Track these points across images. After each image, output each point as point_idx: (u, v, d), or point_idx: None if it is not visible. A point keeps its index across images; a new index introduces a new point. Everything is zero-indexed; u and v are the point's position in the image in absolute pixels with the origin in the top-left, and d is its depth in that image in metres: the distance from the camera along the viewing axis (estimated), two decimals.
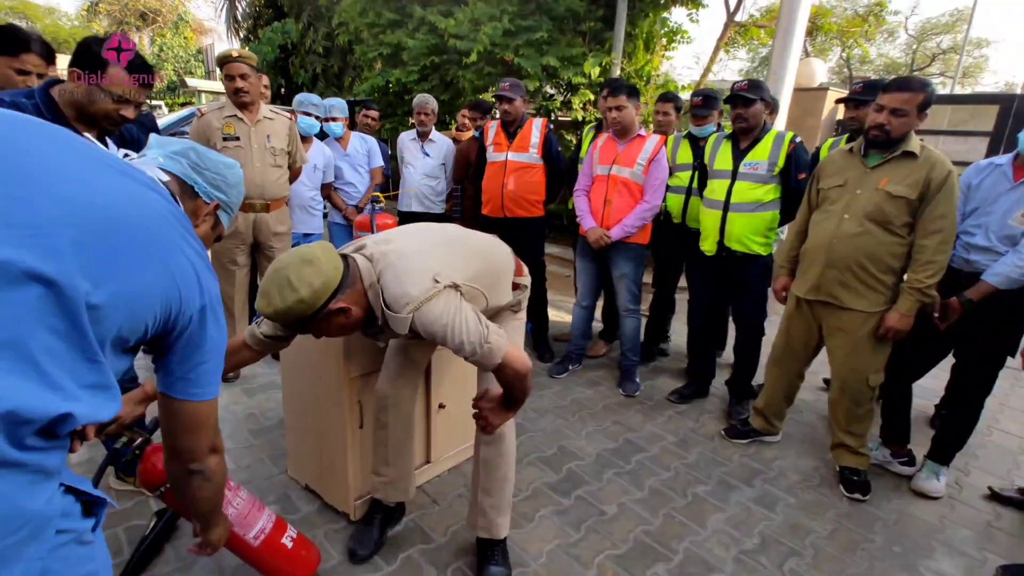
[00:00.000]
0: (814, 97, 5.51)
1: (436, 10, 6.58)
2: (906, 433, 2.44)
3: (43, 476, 0.71)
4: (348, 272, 1.35)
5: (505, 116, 3.21)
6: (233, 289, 2.89)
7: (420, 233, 1.59)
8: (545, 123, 3.25)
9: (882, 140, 2.05)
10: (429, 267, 1.39)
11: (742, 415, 2.79)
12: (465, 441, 2.30)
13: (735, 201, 2.62)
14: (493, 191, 3.30)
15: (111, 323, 0.74)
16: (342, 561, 1.76)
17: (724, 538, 1.98)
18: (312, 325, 1.34)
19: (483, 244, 1.68)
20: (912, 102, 1.99)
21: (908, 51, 21.79)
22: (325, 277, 1.28)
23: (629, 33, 5.94)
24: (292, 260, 1.29)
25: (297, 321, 1.31)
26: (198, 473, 1.04)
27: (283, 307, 1.26)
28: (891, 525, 2.11)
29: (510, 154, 3.22)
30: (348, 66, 9.48)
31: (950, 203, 1.99)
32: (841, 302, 2.19)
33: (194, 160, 1.07)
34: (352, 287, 1.35)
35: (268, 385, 2.90)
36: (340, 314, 1.32)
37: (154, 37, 19.96)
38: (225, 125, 2.69)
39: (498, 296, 1.64)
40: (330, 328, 1.37)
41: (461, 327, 1.34)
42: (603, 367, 3.44)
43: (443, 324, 1.34)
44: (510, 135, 3.24)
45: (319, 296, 1.27)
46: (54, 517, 0.72)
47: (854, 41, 8.47)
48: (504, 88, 3.14)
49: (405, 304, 1.34)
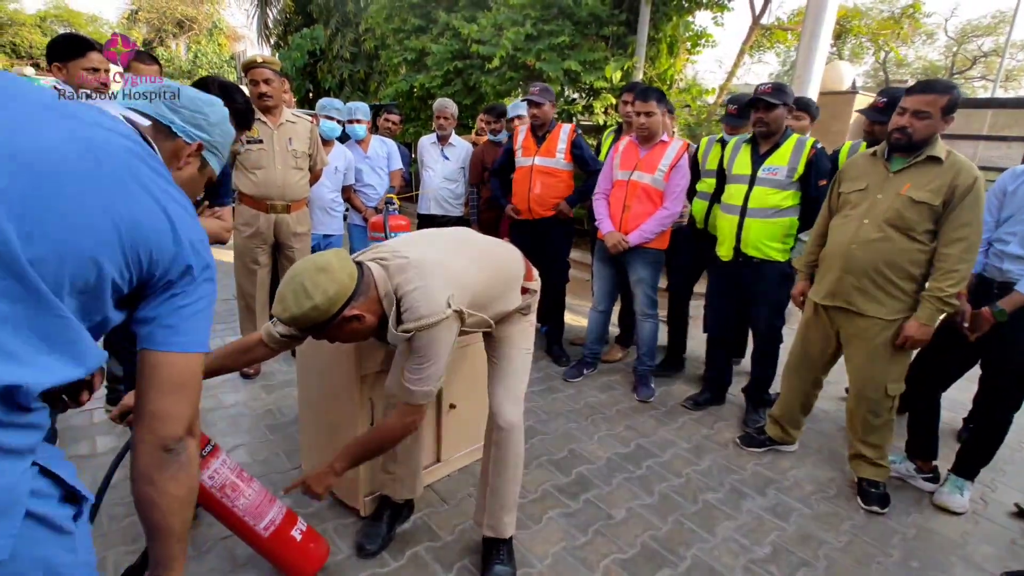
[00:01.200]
0: (841, 101, 5.40)
1: (460, 16, 6.66)
2: (932, 448, 2.37)
3: (2, 454, 0.67)
4: (363, 280, 1.38)
5: (534, 120, 3.23)
6: (255, 288, 2.97)
7: (436, 243, 1.59)
8: (573, 128, 3.26)
9: (904, 143, 2.00)
10: (445, 286, 1.41)
11: (758, 423, 2.75)
12: (475, 442, 2.32)
13: (752, 206, 2.59)
14: (520, 195, 3.32)
15: (62, 275, 0.70)
16: (350, 555, 1.80)
17: (733, 546, 1.96)
18: (326, 331, 1.37)
19: (495, 252, 1.70)
20: (935, 104, 1.93)
21: (948, 54, 21.13)
22: (339, 285, 1.31)
23: (652, 37, 5.91)
24: (307, 267, 1.32)
25: (311, 326, 1.34)
26: (174, 454, 0.86)
27: (298, 313, 1.29)
28: (909, 540, 2.05)
29: (537, 159, 3.25)
30: (374, 71, 9.65)
31: (975, 211, 1.93)
32: (858, 308, 2.15)
33: (168, 99, 1.00)
34: (366, 295, 1.38)
35: (286, 382, 2.97)
36: (354, 321, 1.36)
37: (190, 44, 20.66)
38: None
39: (506, 303, 1.66)
40: (343, 334, 1.40)
41: (433, 364, 1.41)
42: (618, 372, 3.42)
43: (429, 352, 1.40)
44: (538, 139, 3.26)
45: (333, 303, 1.30)
46: (21, 496, 0.68)
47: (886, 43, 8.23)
48: (533, 93, 3.16)
49: (416, 319, 1.37)
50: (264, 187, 2.82)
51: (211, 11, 21.86)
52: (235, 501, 1.47)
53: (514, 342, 1.73)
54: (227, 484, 1.46)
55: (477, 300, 1.51)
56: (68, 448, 2.27)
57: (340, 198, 3.60)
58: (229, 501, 1.47)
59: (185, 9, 21.15)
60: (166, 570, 0.93)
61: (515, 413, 1.69)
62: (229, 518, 1.50)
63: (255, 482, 1.55)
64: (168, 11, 20.82)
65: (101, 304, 0.78)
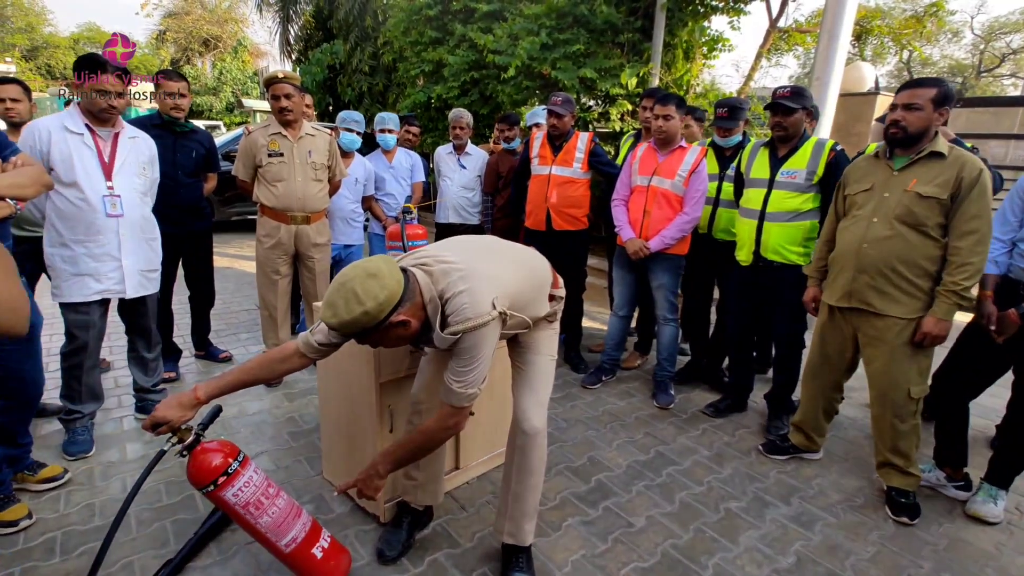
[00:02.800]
0: (862, 102, 5.32)
1: (476, 27, 6.74)
2: (962, 456, 2.30)
3: None
4: (408, 285, 1.39)
5: (552, 130, 3.23)
6: (276, 297, 3.03)
7: (473, 249, 1.60)
8: (591, 137, 3.26)
9: (900, 137, 2.01)
10: (489, 289, 1.43)
11: (781, 431, 2.70)
12: (494, 449, 2.33)
13: (771, 210, 2.56)
14: (536, 203, 3.33)
15: None
16: (370, 561, 1.81)
17: (757, 556, 1.92)
18: (373, 336, 1.39)
19: (527, 258, 1.72)
20: (924, 96, 1.96)
21: (975, 51, 20.64)
22: (389, 291, 1.33)
23: (668, 43, 5.90)
24: (357, 273, 1.34)
25: (360, 332, 1.36)
26: None
27: (349, 318, 1.31)
28: (941, 551, 1.98)
29: (554, 168, 3.24)
30: (392, 84, 9.80)
31: (983, 202, 1.93)
32: (875, 308, 2.11)
33: None
34: (411, 300, 1.39)
35: (307, 391, 3.02)
36: (400, 326, 1.38)
37: (215, 62, 21.25)
38: (270, 142, 2.85)
39: (536, 310, 1.67)
40: (389, 339, 1.42)
41: (479, 365, 1.43)
42: (637, 378, 3.40)
43: (475, 353, 1.42)
44: (555, 148, 3.27)
45: (383, 309, 1.32)
46: None
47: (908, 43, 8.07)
48: (555, 103, 3.16)
49: (463, 321, 1.38)
50: (285, 199, 2.89)
51: (235, 30, 22.49)
52: (258, 519, 1.50)
53: (540, 348, 1.74)
54: (251, 502, 1.48)
55: (516, 302, 1.52)
56: (99, 455, 2.34)
57: (360, 209, 3.66)
58: (252, 519, 1.49)
59: (210, 28, 21.79)
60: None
61: (540, 418, 1.69)
62: (253, 532, 1.53)
63: (281, 497, 1.55)
64: (195, 31, 21.48)
65: None
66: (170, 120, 2.88)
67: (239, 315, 4.27)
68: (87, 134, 2.19)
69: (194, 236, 3.11)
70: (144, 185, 2.39)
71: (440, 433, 1.53)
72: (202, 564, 1.77)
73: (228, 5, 22.79)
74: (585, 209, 3.32)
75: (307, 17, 13.19)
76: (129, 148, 2.33)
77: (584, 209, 3.31)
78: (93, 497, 2.07)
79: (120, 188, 2.26)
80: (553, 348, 1.78)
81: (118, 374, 3.11)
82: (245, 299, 4.60)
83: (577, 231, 3.33)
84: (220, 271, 3.93)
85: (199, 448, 1.48)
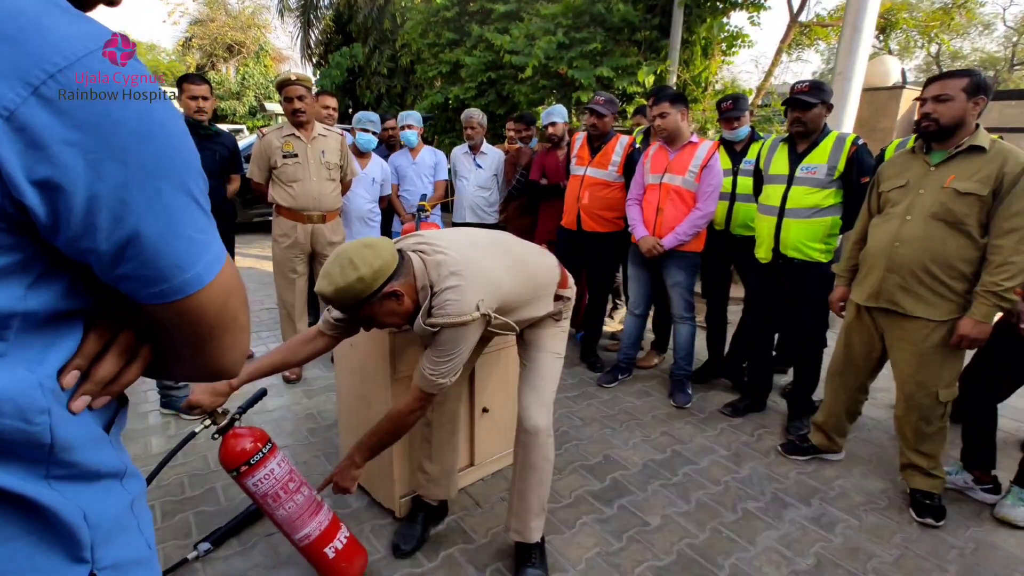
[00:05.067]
0: (887, 97, 5.19)
1: (493, 28, 6.77)
2: (991, 458, 2.23)
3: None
4: (403, 263, 1.43)
5: (592, 130, 3.20)
6: (293, 296, 3.09)
7: (474, 243, 1.59)
8: (631, 141, 3.21)
9: (933, 130, 1.94)
10: (477, 289, 1.44)
11: (801, 431, 2.65)
12: (508, 446, 2.32)
13: (791, 207, 2.52)
14: (570, 203, 3.33)
15: None
16: (386, 555, 1.83)
17: (775, 556, 1.89)
18: (365, 308, 1.39)
19: (530, 259, 1.70)
20: (954, 87, 1.89)
21: (1007, 44, 19.98)
22: (384, 261, 1.36)
23: (686, 40, 5.85)
24: (354, 245, 1.39)
25: (353, 302, 1.37)
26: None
27: (343, 284, 1.33)
28: (967, 554, 1.93)
29: (589, 169, 3.22)
30: (410, 85, 9.90)
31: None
32: (904, 310, 2.05)
33: None
34: (406, 277, 1.42)
35: (326, 388, 3.06)
36: (394, 298, 1.40)
37: (239, 67, 21.66)
38: (284, 144, 2.89)
39: (535, 309, 1.68)
40: (382, 312, 1.42)
41: (453, 359, 1.44)
42: (654, 377, 3.37)
43: (451, 348, 1.44)
44: (593, 150, 3.24)
45: (377, 277, 1.35)
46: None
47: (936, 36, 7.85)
48: (597, 102, 3.12)
49: (445, 316, 1.40)
50: (301, 199, 2.93)
51: (258, 35, 22.90)
52: (275, 511, 1.53)
53: (545, 347, 1.74)
54: (269, 494, 1.51)
55: (506, 305, 1.54)
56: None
57: (377, 208, 3.70)
58: (270, 509, 1.53)
59: (234, 34, 22.22)
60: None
61: (542, 417, 1.69)
62: (273, 521, 1.57)
63: (301, 492, 1.57)
64: (219, 37, 21.93)
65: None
66: (194, 123, 2.95)
67: (260, 314, 4.35)
68: None
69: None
70: None
71: (408, 417, 1.54)
72: (224, 555, 1.81)
73: (251, 11, 23.23)
74: (619, 212, 3.23)
75: (327, 21, 13.39)
76: None
77: (617, 212, 3.23)
78: None
79: None
80: (560, 347, 1.78)
81: None
82: (266, 298, 4.68)
83: (607, 233, 3.27)
84: (242, 271, 4.01)
85: (231, 432, 1.53)
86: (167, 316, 0.53)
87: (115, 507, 0.57)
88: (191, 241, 0.51)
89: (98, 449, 0.55)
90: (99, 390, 0.54)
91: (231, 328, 0.58)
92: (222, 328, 0.57)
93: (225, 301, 0.55)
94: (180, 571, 1.74)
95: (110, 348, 0.55)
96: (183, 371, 0.63)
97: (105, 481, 0.57)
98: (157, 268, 0.49)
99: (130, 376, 0.57)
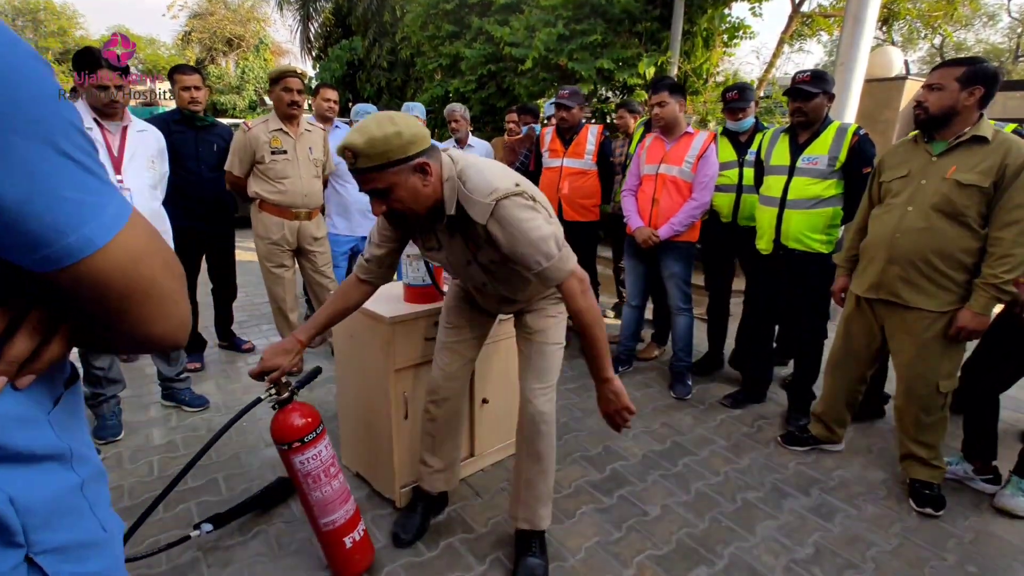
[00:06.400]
0: (890, 88, 5.16)
1: (493, 20, 6.73)
2: (992, 449, 2.23)
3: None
4: (434, 150, 1.39)
5: (562, 123, 3.27)
6: (284, 290, 3.07)
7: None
8: (601, 130, 3.30)
9: (923, 118, 1.96)
10: (511, 175, 1.43)
11: (801, 421, 2.65)
12: (508, 437, 2.33)
13: (792, 198, 2.51)
14: (548, 196, 3.34)
15: None
16: (387, 545, 1.84)
17: (774, 546, 1.90)
18: (391, 173, 1.31)
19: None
20: (948, 76, 1.89)
21: (1012, 35, 19.84)
22: (422, 132, 1.34)
23: (687, 31, 5.81)
24: (393, 111, 1.36)
25: (381, 160, 1.29)
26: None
27: (380, 135, 1.27)
28: (966, 544, 1.93)
29: (566, 160, 3.31)
30: (410, 78, 9.86)
31: None
32: (904, 301, 2.05)
33: None
34: (435, 162, 1.38)
35: (326, 379, 3.06)
36: (420, 172, 1.34)
37: (238, 61, 21.59)
38: (272, 139, 2.83)
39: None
40: (406, 186, 1.34)
41: (542, 227, 1.36)
42: (654, 369, 3.37)
43: (525, 219, 1.35)
44: (566, 142, 3.31)
45: (413, 140, 1.30)
46: None
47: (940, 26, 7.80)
48: (563, 96, 3.21)
49: (490, 192, 1.35)
50: (290, 196, 2.89)
51: (257, 29, 22.83)
52: (311, 492, 1.55)
53: (547, 335, 1.74)
54: (312, 474, 1.54)
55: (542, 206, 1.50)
56: (128, 439, 2.43)
57: None
58: (308, 489, 1.55)
59: (234, 28, 22.16)
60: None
61: (547, 404, 1.70)
62: (304, 502, 1.59)
63: (337, 479, 1.60)
64: (219, 31, 21.87)
65: None
66: (190, 115, 2.92)
67: (261, 307, 4.35)
68: (96, 128, 2.24)
69: (217, 230, 3.17)
70: (153, 178, 2.43)
71: (594, 301, 1.47)
72: (225, 544, 1.82)
73: (251, 5, 23.14)
74: (596, 199, 3.37)
75: (327, 15, 13.33)
76: (138, 141, 2.37)
77: (595, 199, 3.36)
78: (122, 479, 2.15)
79: (130, 181, 2.29)
80: (561, 336, 1.77)
81: (145, 363, 3.20)
82: (263, 292, 4.69)
83: (588, 222, 3.37)
84: (243, 265, 4.00)
85: (291, 406, 1.55)
86: (67, 285, 0.47)
87: (54, 490, 0.54)
88: (68, 201, 0.44)
89: (26, 430, 0.51)
90: (14, 370, 0.50)
91: (151, 295, 0.52)
92: (140, 296, 0.51)
93: (133, 266, 0.50)
94: (182, 563, 1.75)
95: (20, 327, 0.51)
96: (123, 343, 0.59)
97: (44, 464, 0.53)
98: (29, 232, 0.43)
99: (52, 353, 0.52)
